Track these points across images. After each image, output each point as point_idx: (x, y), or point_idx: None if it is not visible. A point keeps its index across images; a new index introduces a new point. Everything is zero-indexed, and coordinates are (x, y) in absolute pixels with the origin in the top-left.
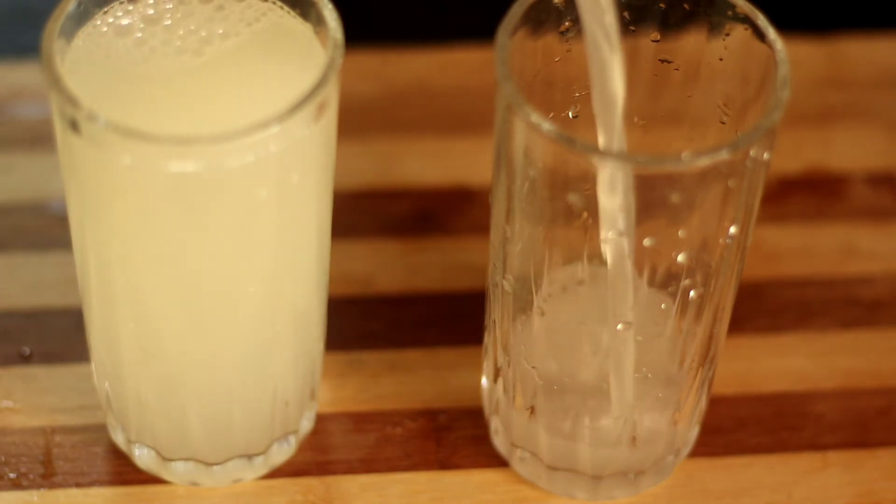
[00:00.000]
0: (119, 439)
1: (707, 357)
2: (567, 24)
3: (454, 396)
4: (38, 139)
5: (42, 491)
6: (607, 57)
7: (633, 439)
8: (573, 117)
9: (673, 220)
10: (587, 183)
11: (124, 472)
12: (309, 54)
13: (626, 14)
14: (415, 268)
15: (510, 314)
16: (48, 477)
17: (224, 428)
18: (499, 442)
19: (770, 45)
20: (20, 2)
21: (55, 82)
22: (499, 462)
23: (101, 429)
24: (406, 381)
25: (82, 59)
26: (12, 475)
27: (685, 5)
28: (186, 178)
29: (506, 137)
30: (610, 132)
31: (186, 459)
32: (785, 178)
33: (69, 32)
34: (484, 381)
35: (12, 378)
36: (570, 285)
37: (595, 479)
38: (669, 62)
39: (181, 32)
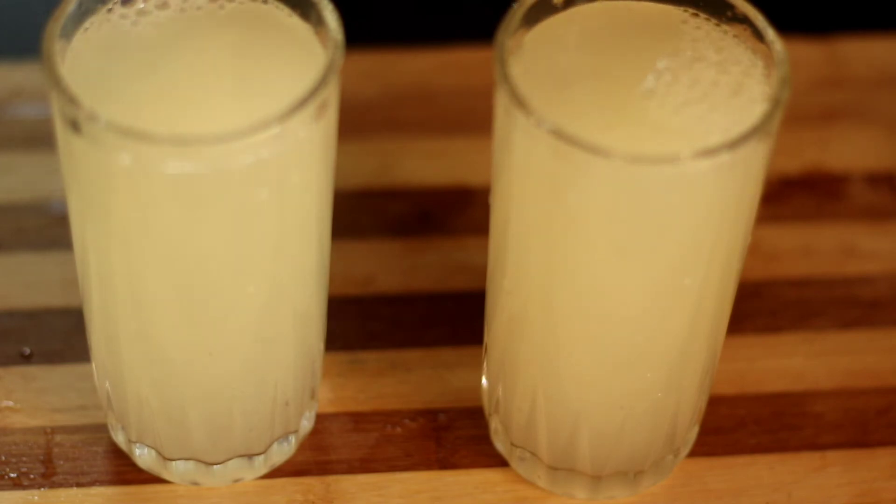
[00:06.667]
0: (119, 439)
1: (706, 357)
2: None
3: (454, 396)
4: (38, 139)
5: (42, 490)
6: None
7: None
8: None
9: (672, 219)
10: None
11: (125, 471)
12: (309, 54)
13: None
14: (415, 268)
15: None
16: (49, 476)
17: (224, 428)
18: (499, 442)
19: (769, 46)
20: (20, 2)
21: (55, 82)
22: (499, 462)
23: (102, 428)
24: (406, 381)
25: (82, 59)
26: (13, 475)
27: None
28: (186, 179)
29: (506, 137)
30: None
31: (187, 459)
32: (785, 178)
33: (69, 32)
34: (484, 381)
35: (12, 378)
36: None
37: (595, 478)
38: None
39: (181, 33)
